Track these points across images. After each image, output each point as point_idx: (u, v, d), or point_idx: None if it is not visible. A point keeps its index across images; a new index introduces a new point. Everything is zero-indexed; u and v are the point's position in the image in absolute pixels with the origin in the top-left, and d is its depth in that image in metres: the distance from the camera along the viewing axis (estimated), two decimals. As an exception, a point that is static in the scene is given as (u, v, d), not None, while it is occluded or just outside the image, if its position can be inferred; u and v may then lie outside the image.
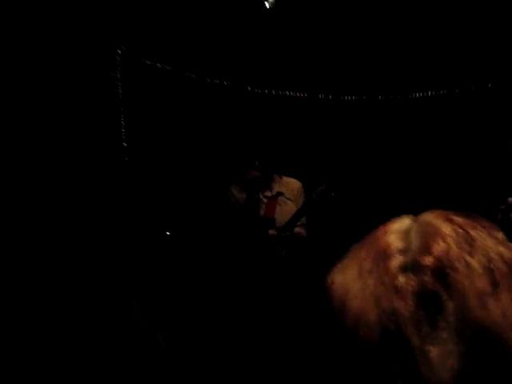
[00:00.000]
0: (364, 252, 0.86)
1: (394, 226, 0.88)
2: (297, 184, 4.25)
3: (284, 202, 4.18)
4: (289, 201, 4.18)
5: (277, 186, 4.20)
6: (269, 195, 4.18)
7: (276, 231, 4.03)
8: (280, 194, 4.19)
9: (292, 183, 4.25)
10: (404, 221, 0.88)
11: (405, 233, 0.85)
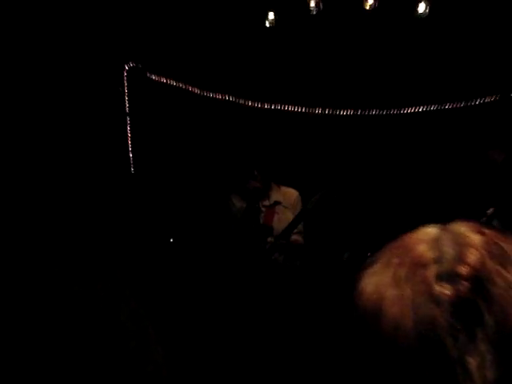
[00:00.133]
0: (397, 259, 0.85)
1: (423, 235, 0.87)
2: (294, 193, 4.30)
3: (281, 211, 4.23)
4: (286, 209, 4.23)
5: (275, 195, 4.25)
6: (267, 204, 4.23)
7: (274, 239, 4.08)
8: (278, 203, 4.24)
9: (289, 192, 4.30)
10: (432, 230, 0.88)
11: (435, 242, 0.85)
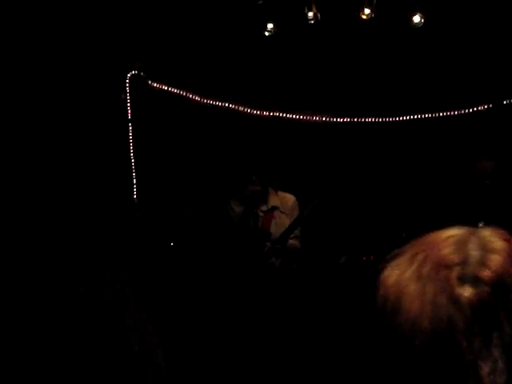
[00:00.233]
0: (422, 255, 0.86)
1: (451, 235, 0.88)
2: (291, 198, 4.36)
3: (279, 216, 4.28)
4: (284, 214, 4.29)
5: (272, 200, 4.32)
6: (265, 209, 4.29)
7: (271, 243, 4.14)
8: (275, 208, 4.30)
9: (287, 198, 4.36)
10: (460, 231, 0.88)
11: (462, 244, 0.85)
